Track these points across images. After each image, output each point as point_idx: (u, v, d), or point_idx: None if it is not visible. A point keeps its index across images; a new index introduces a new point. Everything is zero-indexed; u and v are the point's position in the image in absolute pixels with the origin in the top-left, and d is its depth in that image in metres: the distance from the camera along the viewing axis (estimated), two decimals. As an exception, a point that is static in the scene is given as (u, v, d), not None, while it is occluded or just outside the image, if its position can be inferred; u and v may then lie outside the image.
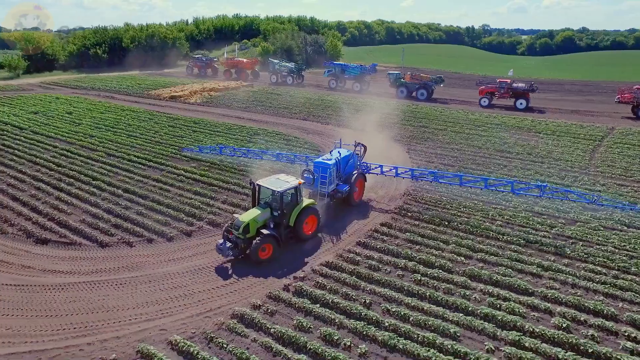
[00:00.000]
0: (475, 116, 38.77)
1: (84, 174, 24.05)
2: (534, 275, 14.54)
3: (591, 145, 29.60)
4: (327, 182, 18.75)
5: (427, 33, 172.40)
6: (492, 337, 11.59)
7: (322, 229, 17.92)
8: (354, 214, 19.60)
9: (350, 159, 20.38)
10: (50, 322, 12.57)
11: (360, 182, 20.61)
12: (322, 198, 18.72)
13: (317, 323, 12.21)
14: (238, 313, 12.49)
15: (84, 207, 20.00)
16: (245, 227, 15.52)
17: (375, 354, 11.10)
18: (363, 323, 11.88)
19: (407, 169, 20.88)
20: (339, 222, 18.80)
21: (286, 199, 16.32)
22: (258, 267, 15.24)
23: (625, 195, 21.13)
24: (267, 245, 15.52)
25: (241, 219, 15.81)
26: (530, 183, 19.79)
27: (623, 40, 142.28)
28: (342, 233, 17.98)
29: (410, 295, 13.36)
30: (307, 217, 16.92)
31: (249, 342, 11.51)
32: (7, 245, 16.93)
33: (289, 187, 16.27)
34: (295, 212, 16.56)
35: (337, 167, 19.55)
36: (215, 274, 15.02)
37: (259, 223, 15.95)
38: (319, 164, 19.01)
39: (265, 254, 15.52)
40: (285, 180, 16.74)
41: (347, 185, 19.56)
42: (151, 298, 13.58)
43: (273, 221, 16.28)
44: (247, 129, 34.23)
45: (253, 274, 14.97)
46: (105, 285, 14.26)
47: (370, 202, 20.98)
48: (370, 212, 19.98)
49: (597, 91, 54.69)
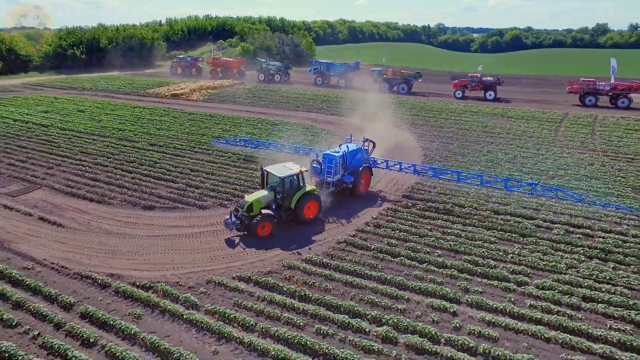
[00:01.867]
0: (454, 106, 44.91)
1: (142, 160, 27.51)
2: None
3: (553, 126, 36.30)
4: (332, 172, 20.64)
5: (386, 32, 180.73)
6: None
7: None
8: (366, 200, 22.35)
9: (357, 154, 22.05)
10: (194, 257, 16.67)
11: (366, 175, 22.18)
12: (327, 187, 20.75)
13: (401, 242, 17.14)
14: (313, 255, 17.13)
15: (162, 183, 23.72)
16: (249, 206, 17.61)
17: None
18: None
19: (410, 164, 22.46)
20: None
21: (287, 184, 18.13)
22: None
23: (584, 164, 27.46)
24: (266, 224, 17.46)
25: (246, 199, 17.95)
26: (523, 181, 21.59)
27: (562, 39, 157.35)
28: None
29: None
30: (309, 202, 18.55)
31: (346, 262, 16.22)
32: (120, 212, 20.56)
33: (290, 173, 18.13)
34: (296, 196, 18.29)
35: (344, 160, 21.30)
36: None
37: (262, 204, 17.88)
38: (326, 155, 20.96)
39: (264, 231, 17.52)
40: (289, 167, 18.62)
41: (352, 176, 21.34)
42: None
43: (275, 203, 18.34)
44: (261, 120, 38.31)
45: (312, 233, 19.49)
46: (220, 234, 18.39)
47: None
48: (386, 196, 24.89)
49: (547, 84, 62.91)
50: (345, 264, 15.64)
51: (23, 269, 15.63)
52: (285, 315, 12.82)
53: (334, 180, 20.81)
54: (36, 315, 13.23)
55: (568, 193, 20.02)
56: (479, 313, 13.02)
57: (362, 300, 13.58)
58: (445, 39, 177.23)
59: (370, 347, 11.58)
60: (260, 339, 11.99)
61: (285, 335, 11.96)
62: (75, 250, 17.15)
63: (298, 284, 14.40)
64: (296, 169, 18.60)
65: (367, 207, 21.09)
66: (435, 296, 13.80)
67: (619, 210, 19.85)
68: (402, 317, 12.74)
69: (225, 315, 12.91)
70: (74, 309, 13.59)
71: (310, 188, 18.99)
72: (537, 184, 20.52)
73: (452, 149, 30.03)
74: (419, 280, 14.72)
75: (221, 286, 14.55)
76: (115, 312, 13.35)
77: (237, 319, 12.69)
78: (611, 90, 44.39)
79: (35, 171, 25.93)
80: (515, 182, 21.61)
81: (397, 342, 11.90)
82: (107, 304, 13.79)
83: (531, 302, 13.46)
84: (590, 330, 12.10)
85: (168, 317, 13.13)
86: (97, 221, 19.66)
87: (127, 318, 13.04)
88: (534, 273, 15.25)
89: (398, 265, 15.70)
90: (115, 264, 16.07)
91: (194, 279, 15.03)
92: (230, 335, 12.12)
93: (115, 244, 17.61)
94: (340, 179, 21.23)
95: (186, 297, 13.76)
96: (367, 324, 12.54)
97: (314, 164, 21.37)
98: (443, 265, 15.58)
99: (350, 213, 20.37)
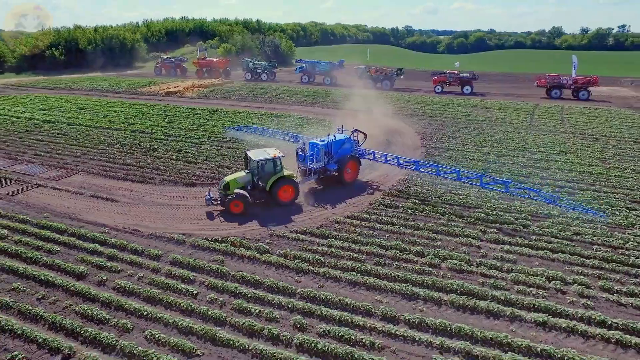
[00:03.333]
0: (436, 99, 48.94)
1: (166, 147, 29.58)
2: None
3: (528, 115, 40.77)
4: (314, 159, 21.38)
5: (356, 34, 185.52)
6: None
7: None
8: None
9: (345, 143, 22.48)
10: (248, 218, 19.23)
11: (352, 164, 22.59)
12: (310, 174, 21.64)
13: (424, 200, 20.35)
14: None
15: (193, 166, 25.96)
16: (225, 185, 19.13)
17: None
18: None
19: (394, 157, 22.74)
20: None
21: (262, 167, 19.32)
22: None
23: (559, 143, 31.72)
24: (238, 202, 18.71)
25: (225, 179, 19.42)
26: (497, 178, 21.44)
27: (522, 40, 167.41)
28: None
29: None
30: (285, 186, 19.48)
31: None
32: (165, 189, 22.75)
33: (265, 157, 19.30)
34: (271, 179, 19.36)
35: (329, 149, 21.87)
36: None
37: (238, 184, 19.22)
38: (312, 144, 21.76)
39: (237, 209, 18.81)
40: (267, 152, 19.78)
41: (336, 165, 21.99)
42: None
43: (251, 185, 19.75)
44: (263, 113, 40.85)
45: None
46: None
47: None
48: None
49: (514, 80, 68.46)
50: (383, 217, 18.74)
51: (101, 233, 17.74)
52: (347, 254, 15.72)
53: (316, 168, 21.53)
54: (132, 264, 15.52)
55: (541, 194, 19.54)
56: (498, 246, 16.41)
57: (405, 241, 16.65)
58: (413, 41, 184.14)
59: (421, 269, 14.67)
60: (331, 269, 14.83)
61: (352, 266, 14.85)
62: (138, 218, 19.35)
63: (350, 231, 17.31)
64: (272, 153, 19.74)
65: (390, 174, 24.23)
66: (461, 236, 17.09)
67: (587, 213, 18.81)
68: (439, 249, 15.92)
69: (296, 256, 15.65)
70: (163, 258, 15.97)
71: (288, 173, 19.84)
72: (511, 182, 20.34)
73: (444, 133, 33.70)
74: (444, 226, 17.97)
75: (283, 238, 17.26)
76: (200, 259, 15.79)
77: (307, 258, 15.46)
78: (573, 84, 49.72)
79: (64, 159, 27.56)
80: (490, 179, 21.12)
81: (440, 266, 15.06)
82: (189, 254, 16.22)
83: (535, 237, 16.98)
84: (584, 251, 15.69)
85: (247, 261, 15.74)
86: (147, 197, 21.83)
87: (212, 263, 15.53)
88: (534, 218, 18.80)
89: (426, 217, 18.99)
90: (181, 227, 18.43)
91: (257, 234, 17.65)
92: (307, 270, 14.90)
93: (173, 213, 19.91)
94: (324, 167, 21.93)
95: (258, 246, 16.40)
96: (413, 256, 15.63)
97: (299, 151, 22.24)
98: (461, 216, 18.91)
99: (377, 179, 23.48)
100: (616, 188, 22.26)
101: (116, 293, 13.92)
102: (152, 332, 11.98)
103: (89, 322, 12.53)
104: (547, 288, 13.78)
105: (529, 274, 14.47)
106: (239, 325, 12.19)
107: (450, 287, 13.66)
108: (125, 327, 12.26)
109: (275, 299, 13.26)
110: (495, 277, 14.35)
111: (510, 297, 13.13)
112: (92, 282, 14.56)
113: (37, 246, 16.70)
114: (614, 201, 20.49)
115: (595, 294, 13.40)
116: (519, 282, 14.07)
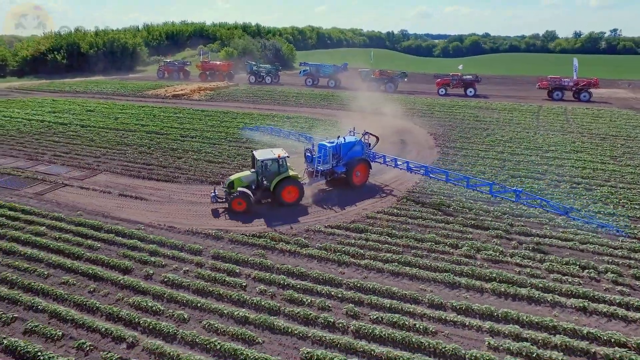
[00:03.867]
0: (442, 101, 49.74)
1: (184, 147, 29.94)
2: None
3: (533, 116, 41.66)
4: (321, 161, 21.29)
5: (352, 38, 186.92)
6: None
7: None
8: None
9: (354, 146, 22.26)
10: (282, 214, 19.64)
11: (362, 167, 22.34)
12: (317, 175, 21.59)
13: (447, 197, 20.92)
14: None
15: (216, 165, 26.35)
16: (230, 184, 19.51)
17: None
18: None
19: (404, 161, 22.51)
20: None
21: (266, 167, 19.48)
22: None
23: (568, 142, 32.54)
24: (241, 201, 18.99)
25: (230, 177, 19.77)
26: (507, 187, 20.60)
27: (517, 44, 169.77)
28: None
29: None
30: (289, 187, 19.53)
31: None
32: (191, 187, 23.14)
33: (270, 157, 19.52)
34: (276, 179, 19.51)
35: (337, 151, 21.75)
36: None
37: (243, 183, 19.49)
38: (320, 145, 21.72)
39: (239, 207, 19.09)
40: (272, 152, 19.93)
41: (344, 167, 21.82)
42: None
43: (255, 184, 19.92)
44: (275, 115, 41.32)
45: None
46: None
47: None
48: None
49: (513, 82, 69.63)
50: (413, 213, 19.30)
51: (137, 230, 18.08)
52: (385, 246, 16.24)
53: (323, 170, 21.55)
54: (174, 259, 15.89)
55: (552, 204, 18.42)
56: (527, 238, 17.04)
57: (438, 234, 17.21)
58: (409, 45, 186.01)
59: (459, 260, 15.23)
60: (372, 261, 15.32)
61: (392, 258, 15.37)
62: (171, 216, 19.72)
63: (384, 225, 17.83)
64: (277, 153, 19.88)
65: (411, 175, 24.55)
66: (491, 229, 17.69)
67: (601, 228, 17.68)
68: (472, 241, 16.50)
69: (335, 249, 16.13)
70: (204, 253, 16.36)
71: (293, 174, 19.87)
72: (522, 191, 18.94)
73: (456, 134, 34.41)
74: (473, 220, 18.58)
75: (319, 232, 17.75)
76: (241, 254, 16.20)
77: (348, 251, 15.95)
78: (574, 85, 50.82)
79: (84, 159, 27.84)
80: (500, 187, 20.56)
81: (475, 257, 15.63)
82: (230, 249, 16.64)
83: (562, 230, 17.64)
84: (611, 242, 16.34)
85: (288, 254, 16.19)
86: (175, 195, 22.19)
87: (254, 257, 15.95)
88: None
89: (453, 211, 19.58)
90: (216, 224, 18.83)
91: (294, 229, 18.09)
92: (348, 262, 15.39)
93: (204, 210, 20.30)
94: (331, 169, 21.83)
95: (297, 240, 16.85)
96: (449, 248, 16.19)
97: (307, 152, 22.29)
98: (487, 211, 19.54)
99: (395, 180, 23.98)
100: (631, 184, 23.04)
101: (165, 286, 14.29)
102: (209, 322, 12.37)
103: (144, 314, 12.90)
104: (581, 276, 14.40)
105: (562, 263, 15.09)
106: (294, 314, 12.63)
107: (490, 276, 14.23)
108: (182, 318, 12.65)
109: (323, 289, 13.73)
110: (530, 266, 14.97)
111: (549, 285, 13.72)
112: (138, 276, 14.92)
113: (77, 242, 17.03)
114: (631, 195, 21.23)
115: (629, 281, 14.03)
116: (553, 271, 14.67)
